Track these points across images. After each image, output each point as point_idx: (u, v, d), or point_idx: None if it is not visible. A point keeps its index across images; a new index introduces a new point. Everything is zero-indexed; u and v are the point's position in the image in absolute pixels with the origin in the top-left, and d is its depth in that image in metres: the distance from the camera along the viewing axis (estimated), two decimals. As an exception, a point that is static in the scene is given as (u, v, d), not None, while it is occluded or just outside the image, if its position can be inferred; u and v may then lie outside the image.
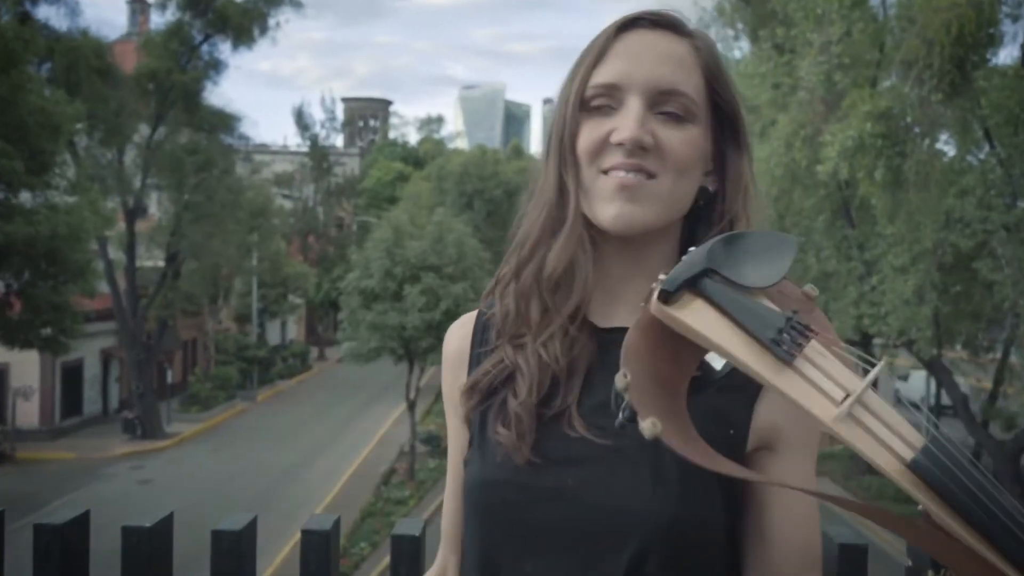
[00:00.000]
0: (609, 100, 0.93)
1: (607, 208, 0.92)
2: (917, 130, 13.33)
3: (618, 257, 0.97)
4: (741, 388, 0.84)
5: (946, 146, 14.85)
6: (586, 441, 0.90)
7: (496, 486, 0.94)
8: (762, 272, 0.69)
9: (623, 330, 0.89)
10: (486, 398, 0.98)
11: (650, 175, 0.91)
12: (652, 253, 0.97)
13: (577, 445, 0.91)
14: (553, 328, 0.96)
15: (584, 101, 0.95)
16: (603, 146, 0.93)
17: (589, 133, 0.94)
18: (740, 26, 18.92)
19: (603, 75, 0.93)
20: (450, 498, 1.07)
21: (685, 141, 0.92)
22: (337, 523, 1.38)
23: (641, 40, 0.94)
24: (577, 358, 0.95)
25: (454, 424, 1.05)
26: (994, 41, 12.78)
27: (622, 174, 0.91)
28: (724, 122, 0.97)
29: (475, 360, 1.03)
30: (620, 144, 0.91)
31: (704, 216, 0.99)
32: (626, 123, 0.91)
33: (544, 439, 0.92)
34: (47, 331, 17.80)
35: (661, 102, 0.92)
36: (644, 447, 0.77)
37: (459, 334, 1.07)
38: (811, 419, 0.60)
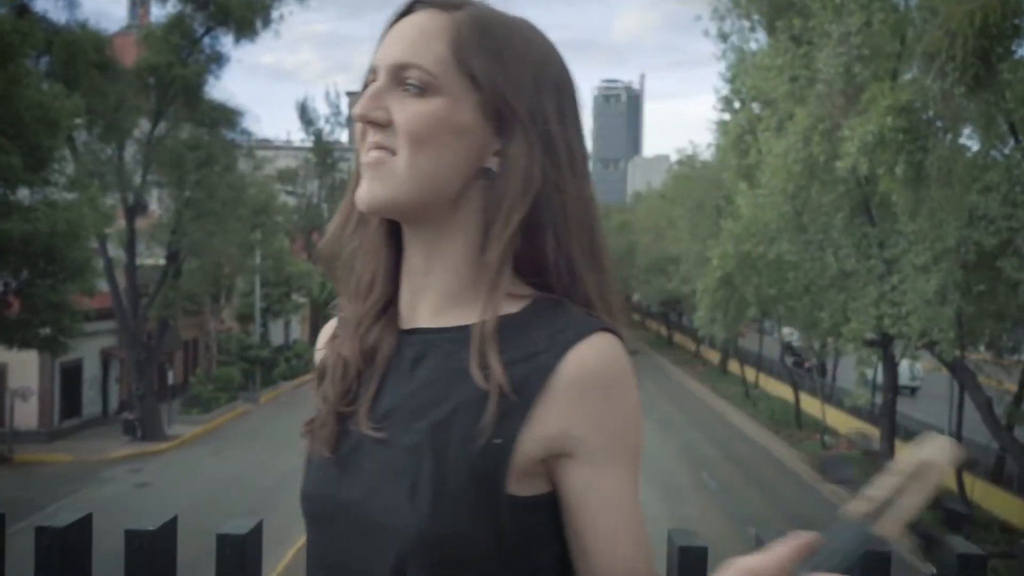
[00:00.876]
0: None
1: (359, 189, 0.92)
2: (939, 124, 13.18)
3: (416, 251, 0.95)
4: (518, 392, 0.83)
5: (969, 141, 14.77)
6: (370, 451, 0.89)
7: (308, 498, 0.94)
8: None
9: (420, 331, 0.92)
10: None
11: (393, 152, 0.89)
12: (447, 245, 0.93)
13: (364, 453, 0.90)
14: (348, 318, 0.97)
15: (366, 88, 0.95)
16: (366, 129, 0.93)
17: None
18: (756, 17, 18.81)
19: (372, 60, 0.95)
20: None
21: (418, 113, 0.88)
22: (343, 528, 1.35)
23: (406, 21, 0.92)
24: (376, 357, 0.94)
25: None
26: (1019, 32, 12.53)
27: (368, 153, 0.90)
28: (488, 99, 0.91)
29: None
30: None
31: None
32: (360, 101, 0.91)
33: (342, 442, 0.92)
34: (46, 331, 17.91)
35: (402, 77, 0.90)
36: (411, 459, 0.84)
37: (326, 334, 1.06)
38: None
